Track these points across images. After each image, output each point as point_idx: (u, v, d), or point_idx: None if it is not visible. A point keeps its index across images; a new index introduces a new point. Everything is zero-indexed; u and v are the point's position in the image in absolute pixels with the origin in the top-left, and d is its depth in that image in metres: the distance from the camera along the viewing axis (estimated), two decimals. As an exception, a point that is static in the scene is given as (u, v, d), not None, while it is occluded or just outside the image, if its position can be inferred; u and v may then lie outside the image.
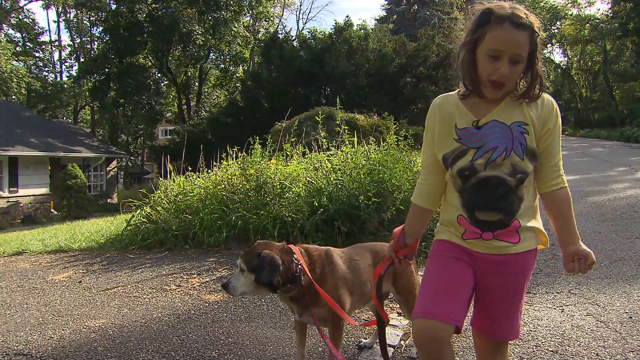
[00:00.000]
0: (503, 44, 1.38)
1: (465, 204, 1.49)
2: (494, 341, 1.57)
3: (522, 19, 1.39)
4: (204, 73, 32.64)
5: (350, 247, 2.40)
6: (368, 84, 22.93)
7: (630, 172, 10.13)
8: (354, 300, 2.18)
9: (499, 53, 1.39)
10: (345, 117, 10.37)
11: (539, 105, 1.48)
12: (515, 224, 1.46)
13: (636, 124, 25.86)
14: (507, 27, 1.38)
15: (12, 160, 18.90)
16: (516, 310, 1.53)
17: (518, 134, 1.44)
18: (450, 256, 1.51)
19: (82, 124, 37.93)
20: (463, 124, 1.48)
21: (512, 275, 1.50)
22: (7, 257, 6.20)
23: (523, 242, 1.48)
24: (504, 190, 1.44)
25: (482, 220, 1.47)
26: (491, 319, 1.54)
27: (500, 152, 1.43)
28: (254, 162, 5.74)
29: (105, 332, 3.01)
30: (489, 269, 1.50)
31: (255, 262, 1.94)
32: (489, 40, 1.40)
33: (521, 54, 1.40)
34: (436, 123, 1.54)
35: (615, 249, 4.25)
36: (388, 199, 4.89)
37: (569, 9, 39.04)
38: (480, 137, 1.46)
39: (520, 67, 1.42)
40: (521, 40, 1.39)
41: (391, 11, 38.05)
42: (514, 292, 1.51)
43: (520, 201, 1.46)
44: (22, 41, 35.28)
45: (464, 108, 1.50)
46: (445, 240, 1.54)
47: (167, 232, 5.66)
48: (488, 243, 1.47)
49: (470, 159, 1.45)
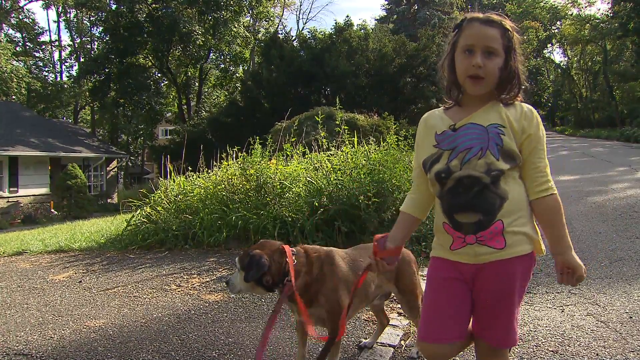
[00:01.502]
0: (474, 38, 1.47)
1: (445, 209, 1.51)
2: (490, 346, 1.57)
3: (492, 17, 1.49)
4: (204, 73, 32.64)
5: (354, 247, 2.39)
6: (368, 84, 22.91)
7: (630, 172, 10.13)
8: (357, 302, 2.17)
9: (472, 47, 1.47)
10: (345, 117, 10.37)
11: (518, 110, 1.50)
12: (498, 225, 1.44)
13: (636, 124, 25.85)
14: (477, 25, 1.48)
15: (12, 160, 18.90)
16: (509, 317, 1.50)
17: (494, 135, 1.46)
18: (443, 277, 1.55)
19: (82, 124, 37.93)
20: (442, 129, 1.55)
21: (500, 283, 1.48)
22: (7, 257, 6.20)
23: (510, 248, 1.45)
24: (479, 188, 1.44)
25: (462, 222, 1.47)
26: (484, 324, 1.54)
27: (475, 152, 1.45)
28: (254, 162, 5.74)
29: (105, 332, 3.01)
30: (477, 277, 1.50)
31: (245, 261, 2.00)
32: (462, 39, 1.50)
33: (493, 46, 1.46)
34: (421, 136, 1.63)
35: (615, 249, 4.25)
36: (388, 199, 4.89)
37: (569, 9, 39.02)
38: (455, 138, 1.50)
39: (496, 60, 1.47)
40: (491, 34, 1.46)
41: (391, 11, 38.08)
42: (504, 300, 1.49)
43: (501, 200, 1.44)
44: (22, 41, 35.30)
45: (446, 116, 1.58)
46: (437, 259, 1.59)
47: (167, 232, 5.66)
48: (473, 250, 1.46)
49: (446, 161, 1.49)
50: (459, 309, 1.52)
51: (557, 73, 51.55)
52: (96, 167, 23.24)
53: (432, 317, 1.54)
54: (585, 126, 39.50)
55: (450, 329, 1.50)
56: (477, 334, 1.57)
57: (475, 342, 1.62)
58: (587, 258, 4.04)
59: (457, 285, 1.52)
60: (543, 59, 51.97)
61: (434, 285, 1.58)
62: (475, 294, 1.52)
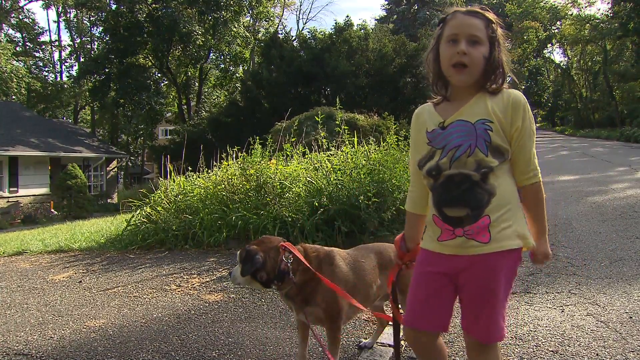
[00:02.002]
0: (458, 27, 1.50)
1: (435, 202, 1.54)
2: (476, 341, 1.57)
3: (474, 9, 1.52)
4: (204, 73, 32.65)
5: (355, 248, 2.38)
6: (368, 84, 22.91)
7: (630, 172, 10.13)
8: (361, 301, 2.16)
9: (456, 36, 1.50)
10: (345, 117, 10.38)
11: (505, 100, 1.51)
12: (485, 220, 1.46)
13: (636, 124, 25.86)
14: (460, 15, 1.52)
15: (12, 160, 18.91)
16: (494, 312, 1.50)
17: (482, 131, 1.48)
18: (429, 270, 1.57)
19: (82, 124, 37.95)
20: (432, 127, 1.57)
21: (485, 276, 1.49)
22: (7, 257, 6.20)
23: (495, 242, 1.46)
24: (468, 184, 1.47)
25: (450, 216, 1.50)
26: (469, 319, 1.55)
27: (464, 149, 1.47)
28: (254, 162, 5.74)
29: (105, 332, 3.01)
30: (462, 271, 1.51)
31: (242, 256, 2.07)
32: (446, 30, 1.53)
33: (477, 35, 1.49)
34: (414, 132, 1.66)
35: (615, 249, 4.24)
36: (388, 199, 4.89)
37: (569, 9, 39.02)
38: (444, 136, 1.52)
39: (480, 49, 1.49)
40: (474, 23, 1.49)
41: (391, 11, 38.09)
42: (489, 293, 1.49)
43: (489, 195, 1.47)
44: (22, 41, 35.33)
45: (434, 112, 1.59)
46: (425, 251, 1.61)
47: (167, 232, 5.67)
48: (460, 242, 1.49)
49: (437, 159, 1.52)
50: (443, 301, 1.55)
51: (557, 73, 51.51)
52: (96, 167, 23.25)
53: (417, 304, 1.59)
54: (585, 126, 39.51)
55: (433, 317, 1.56)
56: (464, 329, 1.58)
57: (464, 337, 1.63)
58: (587, 258, 4.04)
59: (442, 278, 1.55)
60: (543, 59, 51.96)
61: (421, 275, 1.61)
62: (460, 289, 1.54)
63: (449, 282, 1.55)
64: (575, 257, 4.09)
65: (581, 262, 3.94)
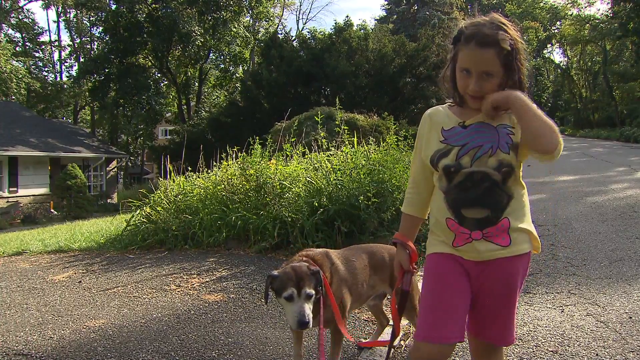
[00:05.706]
0: (470, 62, 1.47)
1: (451, 204, 1.50)
2: (487, 345, 1.56)
3: (487, 37, 1.44)
4: (204, 73, 32.65)
5: (346, 248, 2.40)
6: (368, 84, 22.91)
7: (629, 172, 10.14)
8: (352, 301, 2.18)
9: (469, 69, 1.48)
10: (345, 117, 10.38)
11: None
12: (505, 223, 1.45)
13: (636, 124, 25.89)
14: (472, 47, 1.45)
15: (12, 160, 18.89)
16: (509, 315, 1.51)
17: (504, 135, 1.47)
18: (443, 272, 1.52)
19: (82, 124, 37.95)
20: (450, 126, 1.55)
21: (503, 280, 1.48)
22: (7, 257, 6.20)
23: (513, 246, 1.46)
24: (489, 184, 1.45)
25: (469, 218, 1.47)
26: (484, 323, 1.54)
27: (485, 149, 1.46)
28: (253, 162, 5.74)
29: (105, 332, 3.01)
30: (480, 274, 1.50)
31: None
32: (460, 59, 1.50)
33: (489, 70, 1.45)
34: (425, 131, 1.61)
35: (615, 249, 4.25)
36: (388, 199, 4.89)
37: (569, 9, 39.04)
38: (465, 135, 1.50)
39: (495, 80, 1.47)
40: (486, 57, 1.44)
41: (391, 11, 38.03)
42: (505, 297, 1.49)
43: (509, 198, 1.47)
44: (22, 41, 35.30)
45: (452, 114, 1.58)
46: (438, 254, 1.55)
47: (167, 232, 5.66)
48: (478, 246, 1.46)
49: (455, 156, 1.49)
50: (460, 307, 1.49)
51: (557, 73, 51.54)
52: (96, 167, 23.23)
53: (434, 315, 1.49)
54: (585, 126, 39.53)
55: (452, 328, 1.47)
56: (474, 333, 1.57)
57: (470, 341, 1.61)
58: (587, 258, 4.04)
59: (459, 278, 1.50)
60: (543, 59, 51.96)
61: (435, 279, 1.54)
62: (476, 293, 1.51)
63: (467, 283, 1.51)
64: (575, 257, 4.09)
65: (581, 262, 3.95)
